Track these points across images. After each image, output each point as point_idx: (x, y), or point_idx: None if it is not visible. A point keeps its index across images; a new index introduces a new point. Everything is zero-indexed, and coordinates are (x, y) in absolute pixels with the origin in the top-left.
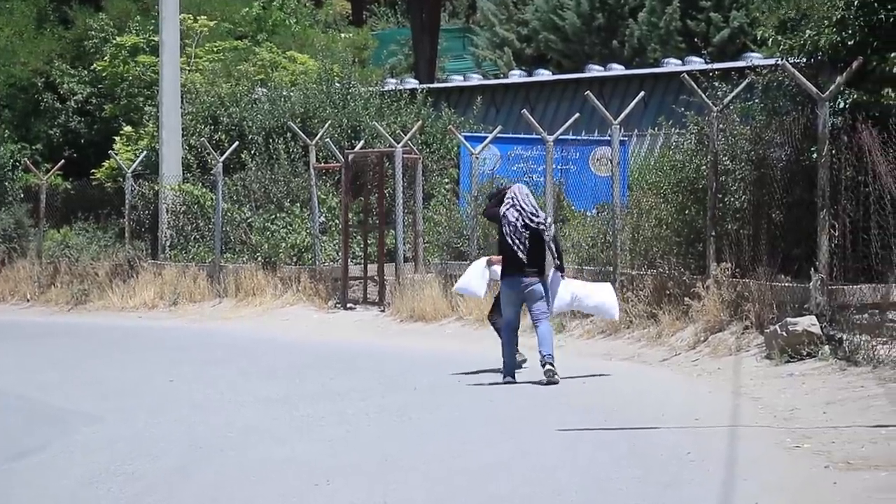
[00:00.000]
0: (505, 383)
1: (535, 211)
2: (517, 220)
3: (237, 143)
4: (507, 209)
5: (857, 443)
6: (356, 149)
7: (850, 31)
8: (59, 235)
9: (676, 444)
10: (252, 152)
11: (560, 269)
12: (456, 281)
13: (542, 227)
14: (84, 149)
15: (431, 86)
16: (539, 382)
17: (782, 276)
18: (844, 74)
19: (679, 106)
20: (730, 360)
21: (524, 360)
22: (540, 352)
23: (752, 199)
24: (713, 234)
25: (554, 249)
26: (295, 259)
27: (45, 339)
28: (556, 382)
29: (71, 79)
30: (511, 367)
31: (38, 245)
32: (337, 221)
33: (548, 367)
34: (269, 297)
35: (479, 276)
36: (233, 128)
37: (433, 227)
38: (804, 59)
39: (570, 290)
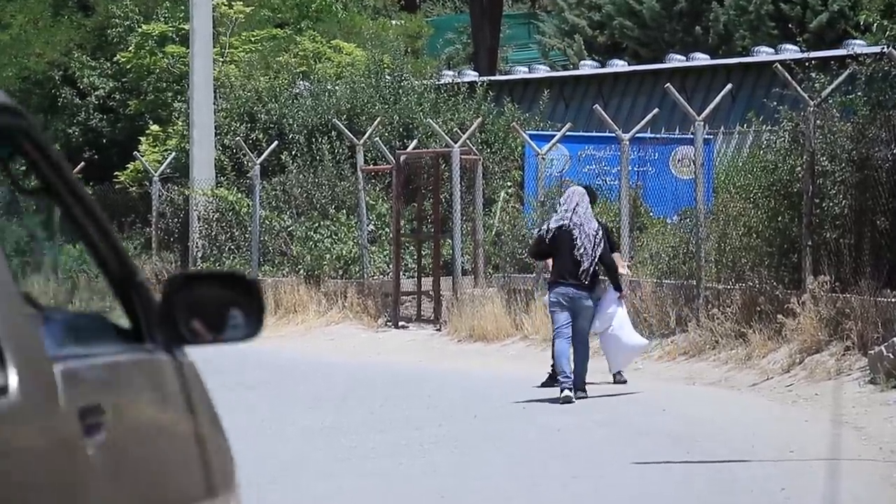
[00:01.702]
0: (563, 398)
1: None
2: (590, 230)
3: (276, 142)
4: (575, 216)
5: None
6: (409, 149)
7: None
8: (76, 250)
9: (768, 478)
10: (293, 153)
11: (618, 287)
12: (519, 295)
13: (599, 237)
14: (106, 149)
15: (493, 78)
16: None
17: (888, 291)
18: None
19: (771, 100)
20: (829, 385)
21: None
22: (574, 372)
23: (853, 205)
24: (809, 243)
25: (609, 264)
26: (341, 272)
27: None
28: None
29: (92, 72)
30: (567, 375)
31: (53, 258)
32: (387, 230)
33: (579, 393)
34: (313, 314)
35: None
36: (271, 126)
37: (494, 235)
38: None
39: (618, 316)
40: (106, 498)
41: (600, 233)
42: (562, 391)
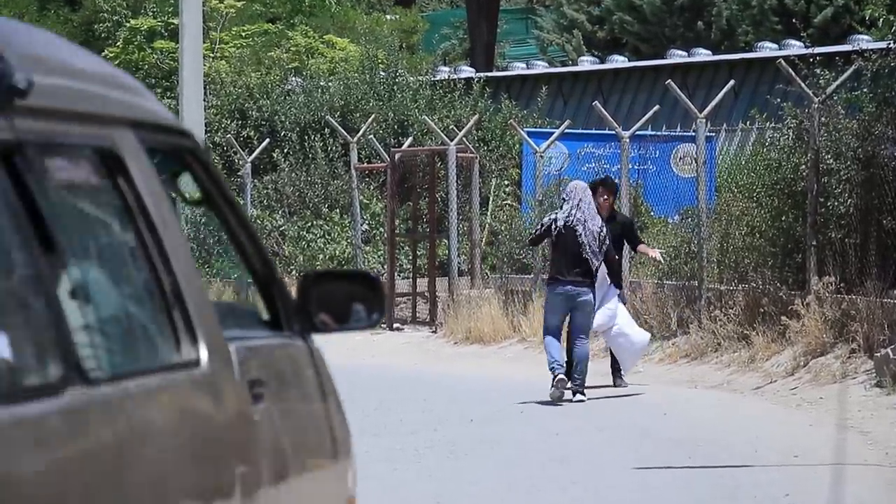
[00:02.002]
0: (557, 383)
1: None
2: (594, 227)
3: (268, 140)
4: (579, 212)
5: None
6: (404, 147)
7: None
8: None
9: (772, 483)
10: (285, 151)
11: (619, 285)
12: (516, 296)
13: (603, 234)
14: None
15: (490, 74)
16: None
17: (895, 292)
18: None
19: (774, 96)
20: (834, 389)
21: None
22: (573, 376)
23: (859, 204)
24: (814, 243)
25: (612, 261)
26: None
27: None
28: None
29: None
30: (559, 363)
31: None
32: (382, 230)
33: (579, 398)
34: None
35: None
36: (263, 123)
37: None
38: None
39: (621, 314)
40: (266, 455)
41: (604, 229)
42: (555, 377)
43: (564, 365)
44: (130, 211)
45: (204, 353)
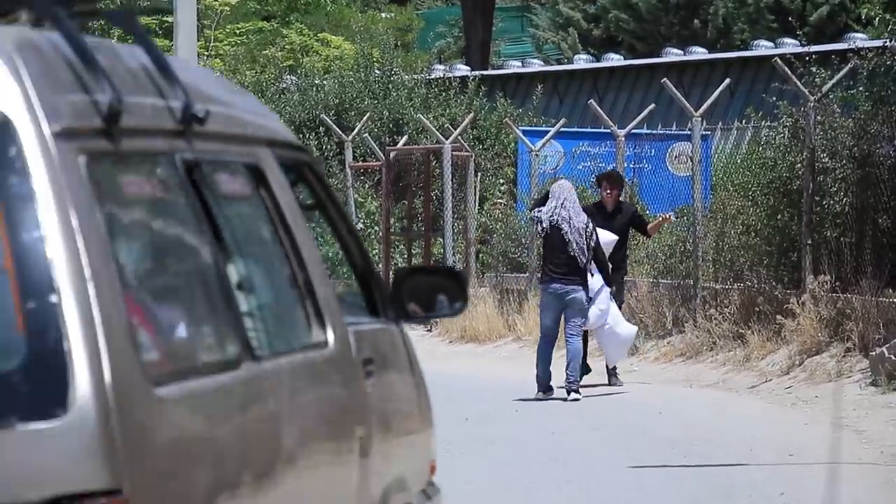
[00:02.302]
0: (536, 399)
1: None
2: (579, 224)
3: None
4: (563, 211)
5: None
6: (399, 145)
7: None
8: None
9: (767, 482)
10: None
11: (609, 283)
12: (512, 295)
13: (589, 230)
14: None
15: (485, 73)
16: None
17: (890, 291)
18: None
19: (770, 95)
20: (829, 388)
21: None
22: (566, 370)
23: (855, 202)
24: (809, 242)
25: (601, 259)
26: (329, 272)
27: None
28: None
29: None
30: (542, 379)
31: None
32: (377, 228)
33: (574, 397)
34: None
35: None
36: None
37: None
38: None
39: (612, 312)
40: (376, 422)
41: (590, 226)
42: (536, 392)
43: (549, 377)
44: (272, 216)
45: (331, 336)
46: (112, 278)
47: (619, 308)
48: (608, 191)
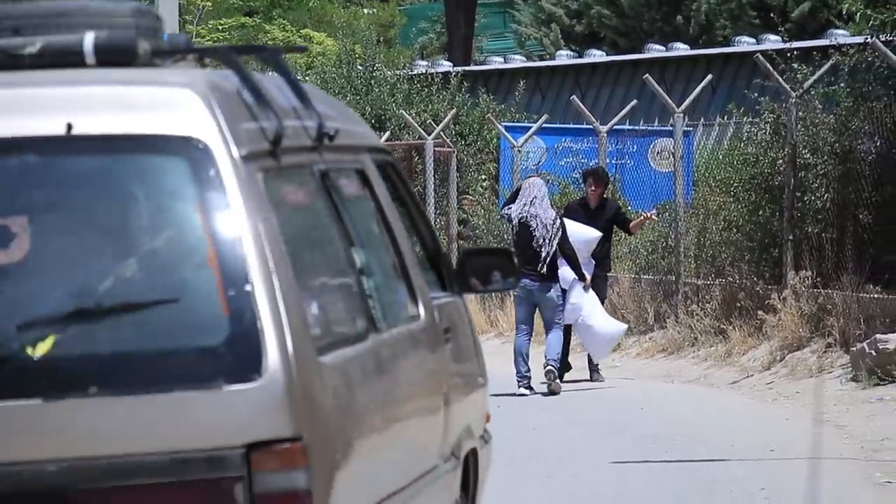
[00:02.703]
0: (517, 395)
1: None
2: (546, 219)
3: None
4: (533, 208)
5: None
6: (381, 141)
7: None
8: None
9: (748, 478)
10: None
11: (581, 277)
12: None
13: (556, 226)
14: None
15: (467, 69)
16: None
17: (871, 287)
18: None
19: (752, 91)
20: (810, 383)
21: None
22: (545, 355)
23: (836, 198)
24: (791, 238)
25: (569, 254)
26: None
27: None
28: (556, 392)
29: None
30: (522, 375)
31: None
32: None
33: (549, 368)
34: None
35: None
36: None
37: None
38: None
39: (587, 303)
40: (453, 380)
41: (558, 222)
42: (518, 388)
43: (528, 372)
44: (376, 211)
45: (422, 310)
46: (288, 270)
47: (602, 304)
48: (593, 188)
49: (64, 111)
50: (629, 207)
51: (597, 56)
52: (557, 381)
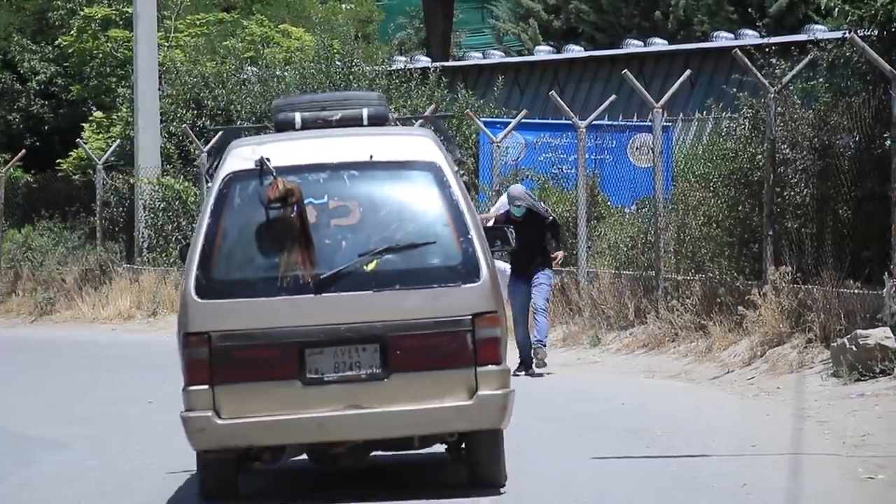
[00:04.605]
0: (528, 374)
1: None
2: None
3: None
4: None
5: None
6: None
7: None
8: (21, 236)
9: (730, 474)
10: None
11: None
12: None
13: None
14: (48, 137)
15: (446, 64)
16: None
17: (851, 282)
18: None
19: (731, 86)
20: (791, 378)
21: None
22: (535, 337)
23: (815, 193)
24: (770, 233)
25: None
26: None
27: (2, 355)
28: (543, 365)
29: (32, 56)
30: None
31: None
32: None
33: (539, 349)
34: None
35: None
36: (219, 112)
37: None
38: (876, 32)
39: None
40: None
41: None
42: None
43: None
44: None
45: (485, 272)
46: (479, 226)
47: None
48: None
49: (366, 148)
50: (609, 203)
51: (575, 51)
52: (545, 360)
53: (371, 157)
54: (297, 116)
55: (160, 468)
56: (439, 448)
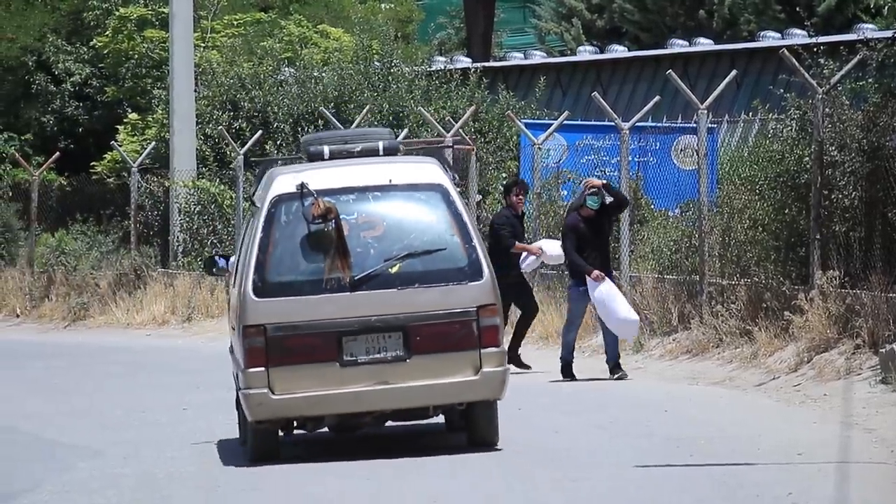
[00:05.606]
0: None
1: None
2: None
3: (260, 132)
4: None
5: None
6: (399, 138)
7: None
8: (54, 240)
9: (775, 483)
10: (278, 143)
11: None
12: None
13: None
14: (83, 139)
15: (487, 65)
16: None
17: None
18: None
19: (777, 87)
20: (838, 385)
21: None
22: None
23: (864, 196)
24: (818, 237)
25: None
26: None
27: (36, 361)
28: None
29: (67, 57)
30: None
31: (29, 251)
32: None
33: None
34: None
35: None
36: (255, 114)
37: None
38: None
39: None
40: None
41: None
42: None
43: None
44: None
45: (486, 273)
46: (479, 235)
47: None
48: (518, 196)
49: (385, 174)
50: (652, 206)
51: (619, 51)
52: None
53: (390, 180)
54: (326, 149)
55: (194, 476)
56: (438, 420)
